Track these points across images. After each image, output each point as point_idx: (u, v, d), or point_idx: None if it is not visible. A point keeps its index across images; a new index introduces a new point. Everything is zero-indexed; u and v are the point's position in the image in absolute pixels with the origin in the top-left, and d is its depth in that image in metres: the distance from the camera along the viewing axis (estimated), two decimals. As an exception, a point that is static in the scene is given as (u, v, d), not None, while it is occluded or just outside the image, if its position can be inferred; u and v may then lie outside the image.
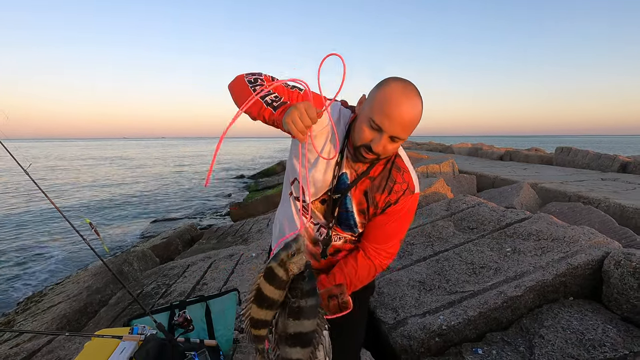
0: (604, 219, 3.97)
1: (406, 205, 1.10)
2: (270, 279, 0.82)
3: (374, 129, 0.95)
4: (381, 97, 0.93)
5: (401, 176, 1.09)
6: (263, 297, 0.83)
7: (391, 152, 1.01)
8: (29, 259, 7.78)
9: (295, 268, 0.81)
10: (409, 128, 0.95)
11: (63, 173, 24.86)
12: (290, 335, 0.82)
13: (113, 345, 1.47)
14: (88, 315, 3.44)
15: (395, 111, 0.91)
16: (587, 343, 1.93)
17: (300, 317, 0.82)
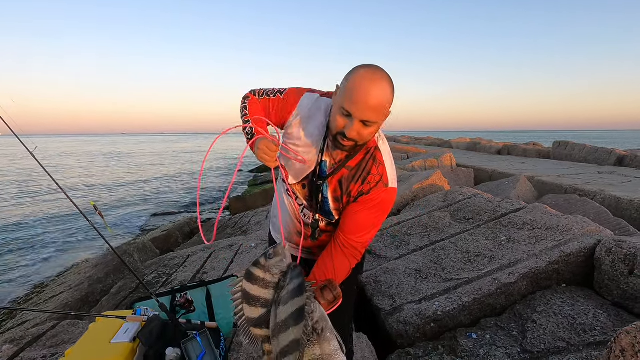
0: (598, 210, 4.03)
1: (378, 196, 1.11)
2: (251, 279, 0.89)
3: (346, 115, 0.99)
4: (349, 85, 0.98)
5: (376, 168, 1.12)
6: (250, 296, 0.89)
7: (367, 137, 1.04)
8: (33, 245, 7.84)
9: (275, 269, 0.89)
10: (378, 112, 0.98)
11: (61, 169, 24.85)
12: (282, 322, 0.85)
13: (117, 326, 1.51)
14: (90, 304, 3.48)
15: (362, 97, 0.95)
16: (578, 327, 1.99)
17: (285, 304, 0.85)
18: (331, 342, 0.88)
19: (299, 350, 0.84)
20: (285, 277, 0.89)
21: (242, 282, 0.91)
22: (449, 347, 2.04)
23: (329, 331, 0.89)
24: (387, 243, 3.30)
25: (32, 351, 1.98)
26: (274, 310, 0.87)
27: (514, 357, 1.89)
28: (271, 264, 0.90)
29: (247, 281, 0.90)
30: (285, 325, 0.85)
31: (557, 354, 1.85)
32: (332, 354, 0.87)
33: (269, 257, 0.91)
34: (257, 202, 9.23)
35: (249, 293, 0.89)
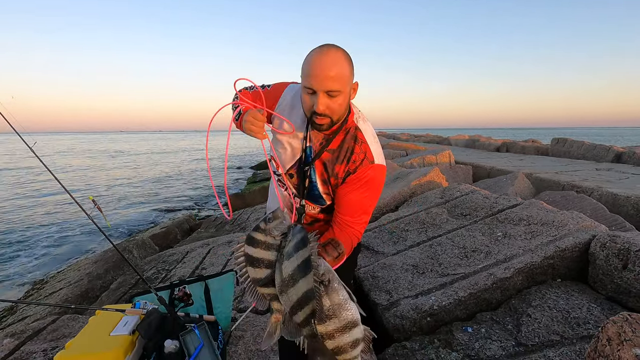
0: (595, 206, 4.05)
1: (365, 174, 1.14)
2: (252, 243, 0.90)
3: (310, 93, 1.05)
4: (305, 65, 1.05)
5: (359, 147, 1.15)
6: (253, 259, 0.89)
7: (338, 110, 1.08)
8: (32, 241, 7.87)
9: (275, 232, 0.89)
10: (336, 79, 1.02)
11: (60, 165, 24.85)
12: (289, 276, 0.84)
13: (116, 319, 1.54)
14: (90, 300, 3.51)
15: (316, 68, 1.01)
16: (572, 321, 2.01)
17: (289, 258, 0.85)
18: (340, 292, 0.87)
19: (313, 299, 0.83)
20: (286, 238, 0.89)
21: (244, 246, 0.91)
22: (445, 340, 2.07)
23: (336, 282, 0.87)
24: (385, 239, 3.32)
25: (33, 345, 2.00)
26: (279, 267, 0.86)
27: (509, 351, 1.92)
28: (271, 226, 0.90)
29: (249, 245, 0.90)
30: (292, 279, 0.84)
31: (551, 347, 1.88)
32: (342, 303, 0.86)
33: (268, 220, 0.91)
34: (256, 199, 9.26)
35: (251, 256, 0.90)
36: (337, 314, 0.85)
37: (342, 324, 0.85)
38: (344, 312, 0.86)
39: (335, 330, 0.85)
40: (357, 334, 0.87)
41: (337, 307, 0.85)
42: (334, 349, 0.87)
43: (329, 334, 0.86)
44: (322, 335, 0.86)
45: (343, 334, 0.86)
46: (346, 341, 0.86)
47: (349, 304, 0.87)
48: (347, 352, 0.88)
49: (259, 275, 0.89)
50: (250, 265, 0.90)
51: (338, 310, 0.86)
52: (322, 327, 0.85)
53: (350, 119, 1.17)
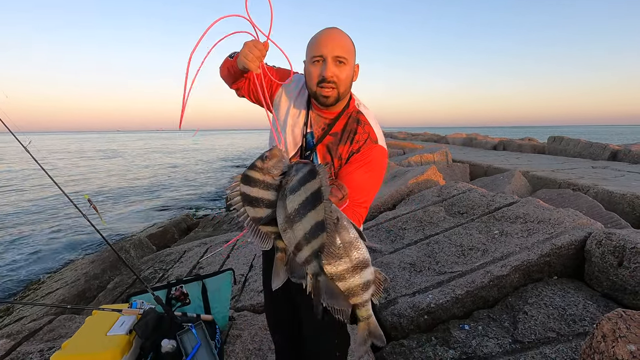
0: (591, 204, 4.07)
1: (369, 153, 1.13)
2: (248, 182, 0.84)
3: (317, 61, 1.07)
4: (311, 42, 1.09)
5: (362, 128, 1.16)
6: (251, 198, 0.84)
7: (345, 82, 1.09)
8: (27, 241, 7.82)
9: (274, 170, 0.84)
10: (344, 47, 1.06)
11: (56, 168, 24.74)
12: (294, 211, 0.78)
13: (113, 319, 1.53)
14: (87, 300, 3.50)
15: (323, 37, 1.06)
16: (568, 318, 2.03)
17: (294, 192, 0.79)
18: (349, 230, 0.80)
19: (323, 232, 0.76)
20: (287, 175, 0.82)
21: (240, 185, 0.85)
22: (442, 338, 2.08)
23: (345, 220, 0.81)
24: (382, 237, 3.33)
25: (29, 345, 1.99)
26: (281, 205, 0.80)
27: (505, 348, 1.93)
28: (270, 165, 0.84)
29: (245, 184, 0.84)
30: (299, 213, 0.77)
31: (547, 344, 1.89)
32: (353, 241, 0.79)
33: (265, 159, 0.84)
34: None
35: (249, 195, 0.84)
36: (347, 253, 0.79)
37: (352, 263, 0.79)
38: (354, 250, 0.79)
39: (346, 270, 0.79)
40: (368, 275, 0.81)
41: (347, 245, 0.79)
42: (345, 290, 0.81)
43: (339, 274, 0.79)
44: (332, 276, 0.80)
45: (354, 275, 0.80)
46: (357, 282, 0.80)
47: (360, 243, 0.81)
48: (358, 295, 0.82)
49: (259, 214, 0.84)
50: (249, 205, 0.84)
51: (349, 248, 0.79)
52: (332, 267, 0.79)
53: (352, 104, 1.19)
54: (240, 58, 1.05)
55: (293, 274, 0.84)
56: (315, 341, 1.28)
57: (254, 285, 2.73)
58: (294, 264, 0.83)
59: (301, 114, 1.21)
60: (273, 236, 0.86)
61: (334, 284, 0.81)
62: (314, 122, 1.20)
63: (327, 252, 0.77)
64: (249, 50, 1.03)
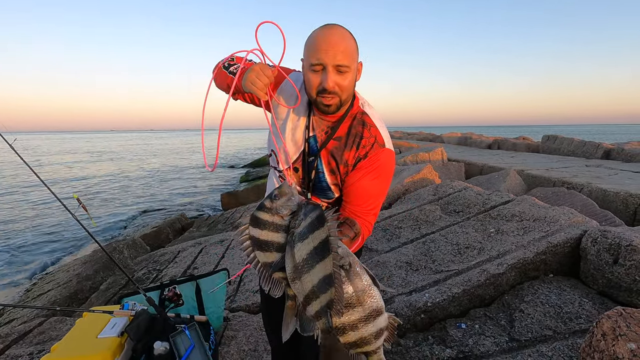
0: (585, 202, 4.09)
1: (377, 158, 1.08)
2: (257, 224, 0.81)
3: (317, 70, 0.99)
4: (310, 42, 1.01)
5: (368, 131, 1.10)
6: (261, 242, 0.81)
7: (348, 89, 1.03)
8: (16, 242, 7.71)
9: (283, 210, 0.80)
10: (346, 53, 0.98)
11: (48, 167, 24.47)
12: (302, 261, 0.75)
13: (104, 321, 1.50)
14: (79, 301, 3.44)
15: (324, 43, 0.97)
16: (564, 316, 2.03)
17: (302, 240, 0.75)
18: (362, 277, 0.77)
19: (331, 287, 0.72)
20: (296, 217, 0.79)
21: (249, 229, 0.82)
22: (439, 337, 2.06)
23: (357, 266, 0.78)
24: (379, 236, 3.31)
25: (18, 348, 1.95)
26: (289, 251, 0.77)
27: (502, 346, 1.92)
28: (278, 204, 0.81)
29: (255, 227, 0.81)
30: (307, 264, 0.74)
31: (543, 342, 1.88)
32: (366, 289, 0.76)
33: (274, 198, 0.82)
34: (249, 197, 9.20)
35: (258, 239, 0.80)
36: (360, 302, 0.75)
37: (366, 312, 0.76)
38: (368, 299, 0.76)
39: (359, 320, 0.76)
40: (381, 322, 0.78)
41: (360, 293, 0.76)
42: (357, 340, 0.78)
43: (352, 324, 0.76)
44: (344, 326, 0.77)
45: (367, 324, 0.77)
46: (370, 332, 0.77)
47: (373, 290, 0.78)
48: (370, 344, 0.78)
49: (270, 259, 0.81)
50: (259, 249, 0.81)
51: (362, 297, 0.76)
52: (344, 317, 0.76)
53: (356, 105, 1.13)
54: (247, 84, 1.01)
55: (303, 329, 0.81)
56: (313, 342, 1.26)
57: (249, 285, 2.70)
58: (304, 317, 0.80)
59: (302, 117, 1.14)
60: (284, 283, 0.83)
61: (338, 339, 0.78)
62: (316, 125, 1.13)
63: (335, 307, 0.73)
64: (257, 76, 0.99)
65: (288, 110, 1.15)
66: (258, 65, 1.00)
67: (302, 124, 1.14)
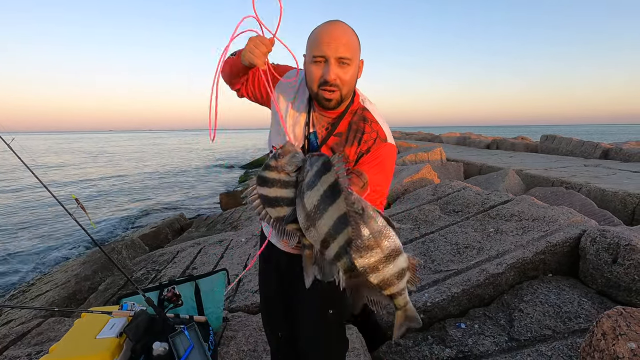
0: (584, 202, 4.10)
1: (379, 153, 1.08)
2: (264, 183, 0.82)
3: (319, 62, 1.00)
4: (312, 36, 1.02)
5: (369, 126, 1.10)
6: (270, 199, 0.82)
7: (349, 82, 1.03)
8: (14, 243, 7.68)
9: (289, 167, 0.81)
10: (348, 46, 0.99)
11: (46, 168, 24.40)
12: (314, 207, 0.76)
13: (103, 322, 1.49)
14: (77, 302, 3.43)
15: (327, 36, 0.98)
16: (563, 315, 2.03)
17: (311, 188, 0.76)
18: (377, 219, 0.77)
19: (347, 226, 0.73)
20: (303, 171, 0.80)
21: (256, 188, 0.82)
22: (438, 337, 2.06)
23: (370, 209, 0.77)
24: (378, 236, 3.31)
25: (16, 349, 1.94)
26: (300, 202, 0.78)
27: (502, 346, 1.92)
28: (283, 162, 0.81)
29: (262, 186, 0.82)
30: (319, 209, 0.74)
31: (543, 341, 1.89)
32: (382, 230, 0.76)
33: (278, 156, 0.82)
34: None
35: (267, 197, 0.81)
36: (378, 243, 0.75)
37: (385, 253, 0.76)
38: (385, 240, 0.76)
39: (379, 261, 0.76)
40: (402, 262, 0.78)
41: (377, 235, 0.76)
42: (379, 282, 0.78)
43: (372, 266, 0.76)
44: (365, 268, 0.76)
45: (387, 265, 0.77)
46: (392, 272, 0.77)
47: (389, 231, 0.77)
48: (393, 285, 0.79)
49: (281, 213, 0.82)
50: (269, 206, 0.82)
51: (379, 238, 0.76)
52: (364, 260, 0.76)
53: (356, 101, 1.13)
54: (246, 53, 1.02)
55: (323, 274, 0.81)
56: (313, 342, 1.25)
57: (249, 285, 2.69)
58: (322, 262, 0.80)
59: (302, 113, 1.14)
60: (299, 233, 0.83)
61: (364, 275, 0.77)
62: (316, 121, 1.13)
63: (355, 246, 0.74)
64: (255, 45, 1.00)
65: (287, 108, 1.16)
66: (256, 36, 1.02)
67: (302, 120, 1.14)
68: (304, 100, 1.14)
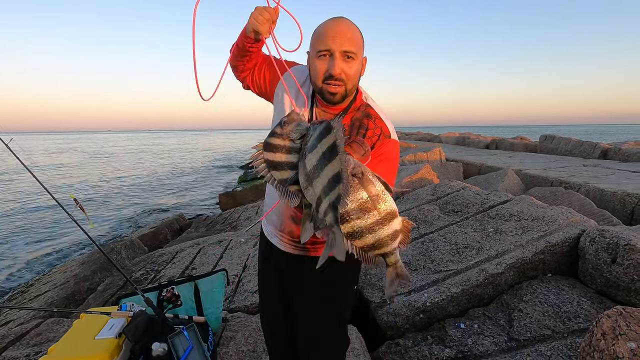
0: (583, 202, 4.10)
1: (384, 149, 1.08)
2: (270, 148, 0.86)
3: (324, 56, 1.01)
4: (317, 33, 1.03)
5: (373, 122, 1.10)
6: (275, 163, 0.86)
7: (353, 77, 1.04)
8: (13, 243, 7.67)
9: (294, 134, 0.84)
10: (353, 41, 1.00)
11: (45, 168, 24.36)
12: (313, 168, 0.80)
13: (102, 322, 1.49)
14: (76, 302, 3.42)
15: (332, 30, 0.99)
16: (563, 315, 2.03)
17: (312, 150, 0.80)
18: (375, 184, 0.81)
19: (340, 183, 0.76)
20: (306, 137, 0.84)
21: (262, 153, 0.86)
22: (438, 337, 2.06)
23: (370, 174, 0.82)
24: (377, 236, 3.31)
25: (15, 350, 1.93)
26: (302, 165, 0.82)
27: (501, 346, 1.92)
28: (288, 130, 0.85)
29: (268, 151, 0.86)
30: (317, 169, 0.79)
31: (542, 341, 1.89)
32: (380, 194, 0.81)
33: (283, 124, 0.86)
34: (247, 197, 9.18)
35: (273, 161, 0.86)
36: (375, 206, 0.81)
37: (381, 215, 0.81)
38: (382, 203, 0.81)
39: (375, 223, 0.81)
40: (396, 225, 0.84)
41: (375, 198, 0.81)
42: (375, 242, 0.83)
43: (369, 227, 0.81)
44: (362, 229, 0.81)
45: (383, 227, 0.82)
46: (386, 233, 0.82)
47: (386, 195, 0.82)
48: (386, 245, 0.84)
49: (285, 176, 0.86)
50: (274, 170, 0.86)
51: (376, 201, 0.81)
52: (361, 221, 0.81)
53: (359, 98, 1.14)
54: (250, 21, 1.01)
55: (316, 226, 0.85)
56: (313, 342, 1.25)
57: (248, 285, 2.69)
58: (317, 218, 0.85)
59: (305, 109, 1.15)
60: (300, 194, 0.87)
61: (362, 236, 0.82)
62: (319, 117, 1.14)
63: (342, 203, 0.77)
64: (259, 13, 1.00)
65: (289, 104, 1.17)
66: (258, 8, 1.02)
67: (305, 116, 1.14)
68: (307, 96, 1.15)
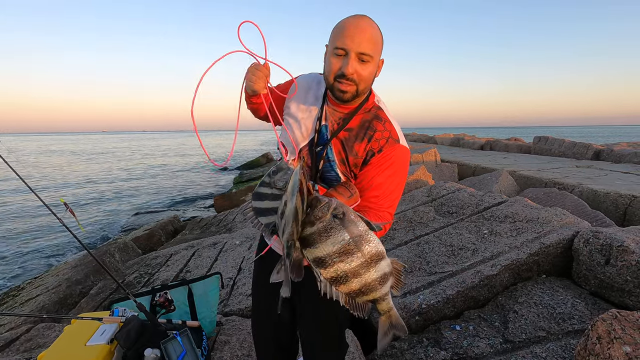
0: (577, 203, 4.13)
1: (392, 154, 1.06)
2: (259, 197, 0.89)
3: (340, 55, 1.00)
4: (338, 28, 1.01)
5: (382, 125, 1.08)
6: (262, 210, 0.89)
7: (366, 79, 1.03)
8: (3, 246, 7.56)
9: (280, 183, 0.86)
10: (371, 42, 0.99)
11: (33, 170, 24.08)
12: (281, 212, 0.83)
13: (93, 328, 1.46)
14: (68, 306, 3.37)
15: (352, 29, 0.98)
16: (557, 316, 2.03)
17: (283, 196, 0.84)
18: (358, 224, 0.79)
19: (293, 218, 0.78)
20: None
21: (252, 203, 0.90)
22: (433, 339, 2.06)
23: (352, 214, 0.80)
24: (372, 238, 3.30)
25: (5, 356, 1.89)
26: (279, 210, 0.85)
27: (496, 347, 1.92)
28: (275, 179, 0.88)
29: (257, 200, 0.89)
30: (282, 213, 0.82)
31: (537, 343, 1.89)
32: (363, 234, 0.78)
33: (272, 174, 0.89)
34: (243, 198, 9.13)
35: (260, 208, 0.88)
36: (359, 248, 0.77)
37: (365, 257, 0.78)
38: (365, 244, 0.78)
39: (360, 266, 0.77)
40: (384, 267, 0.79)
41: (357, 239, 0.77)
42: (361, 287, 0.79)
43: (354, 271, 0.78)
44: (346, 273, 0.78)
45: (369, 269, 0.78)
46: (373, 277, 0.79)
47: (370, 235, 0.79)
48: (375, 290, 0.80)
49: (270, 220, 0.88)
50: (261, 216, 0.88)
51: (359, 243, 0.77)
52: (345, 265, 0.77)
53: (371, 100, 1.12)
54: (247, 84, 1.05)
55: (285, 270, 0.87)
56: (311, 348, 1.24)
57: (243, 289, 2.67)
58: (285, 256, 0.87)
59: (314, 108, 1.15)
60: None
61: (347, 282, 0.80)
62: (329, 115, 1.13)
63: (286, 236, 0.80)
64: (252, 73, 1.04)
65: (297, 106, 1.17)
66: (252, 65, 1.04)
67: (314, 114, 1.14)
68: (318, 94, 1.15)
